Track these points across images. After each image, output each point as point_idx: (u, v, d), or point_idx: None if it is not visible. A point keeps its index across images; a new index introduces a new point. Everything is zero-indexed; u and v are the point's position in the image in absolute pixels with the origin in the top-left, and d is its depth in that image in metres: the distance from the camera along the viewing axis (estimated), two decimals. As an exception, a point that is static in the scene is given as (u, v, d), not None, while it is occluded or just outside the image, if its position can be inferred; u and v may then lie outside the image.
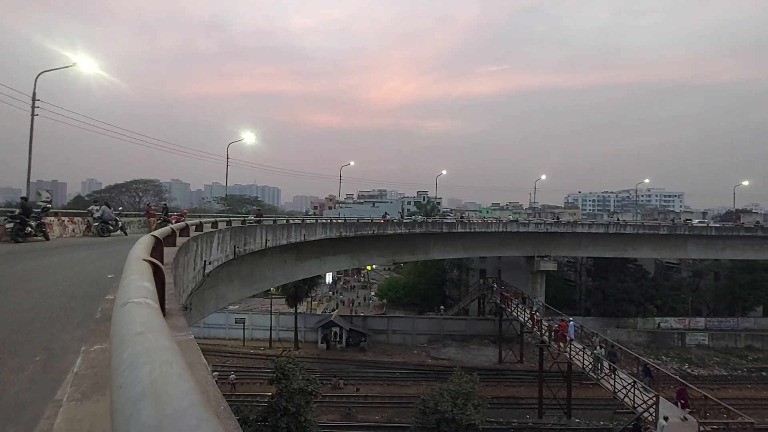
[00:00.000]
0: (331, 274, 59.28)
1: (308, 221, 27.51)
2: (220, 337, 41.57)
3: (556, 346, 26.30)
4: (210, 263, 13.20)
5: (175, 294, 5.23)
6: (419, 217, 51.20)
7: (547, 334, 27.42)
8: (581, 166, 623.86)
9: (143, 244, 4.29)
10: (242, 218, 21.91)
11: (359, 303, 57.24)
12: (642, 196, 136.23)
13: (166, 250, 6.35)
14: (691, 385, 18.91)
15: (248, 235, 17.64)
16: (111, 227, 16.00)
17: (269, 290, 35.96)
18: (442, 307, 49.59)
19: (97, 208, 16.56)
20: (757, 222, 55.38)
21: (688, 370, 35.90)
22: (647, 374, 20.00)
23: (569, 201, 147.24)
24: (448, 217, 53.53)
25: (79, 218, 16.50)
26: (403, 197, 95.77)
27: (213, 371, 30.31)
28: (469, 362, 36.29)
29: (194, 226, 11.61)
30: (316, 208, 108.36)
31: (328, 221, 28.49)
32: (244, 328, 40.72)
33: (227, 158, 31.02)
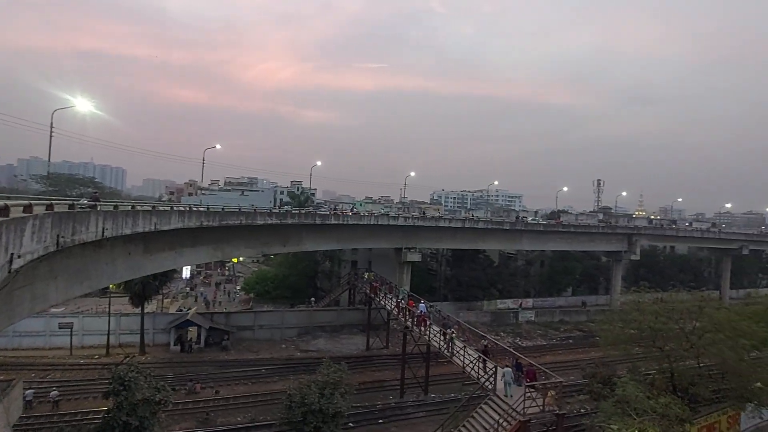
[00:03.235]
0: (189, 267, 53.55)
1: (161, 208, 24.10)
2: (37, 346, 34.04)
3: (417, 330, 28.46)
4: (20, 256, 10.43)
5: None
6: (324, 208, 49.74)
7: (410, 320, 29.45)
8: (446, 166, 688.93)
9: None
10: (71, 202, 17.96)
11: (219, 302, 53.23)
12: (491, 196, 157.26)
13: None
14: (524, 357, 22.36)
15: (78, 223, 14.49)
16: None
17: (108, 288, 30.68)
18: (313, 299, 49.28)
19: None
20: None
21: (520, 343, 42.70)
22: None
23: (434, 198, 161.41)
24: (322, 209, 53.28)
25: None
26: (276, 187, 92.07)
27: (27, 389, 24.59)
28: (338, 352, 36.86)
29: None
30: (172, 193, 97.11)
31: (187, 209, 25.41)
32: (71, 334, 33.95)
33: (51, 128, 25.08)
